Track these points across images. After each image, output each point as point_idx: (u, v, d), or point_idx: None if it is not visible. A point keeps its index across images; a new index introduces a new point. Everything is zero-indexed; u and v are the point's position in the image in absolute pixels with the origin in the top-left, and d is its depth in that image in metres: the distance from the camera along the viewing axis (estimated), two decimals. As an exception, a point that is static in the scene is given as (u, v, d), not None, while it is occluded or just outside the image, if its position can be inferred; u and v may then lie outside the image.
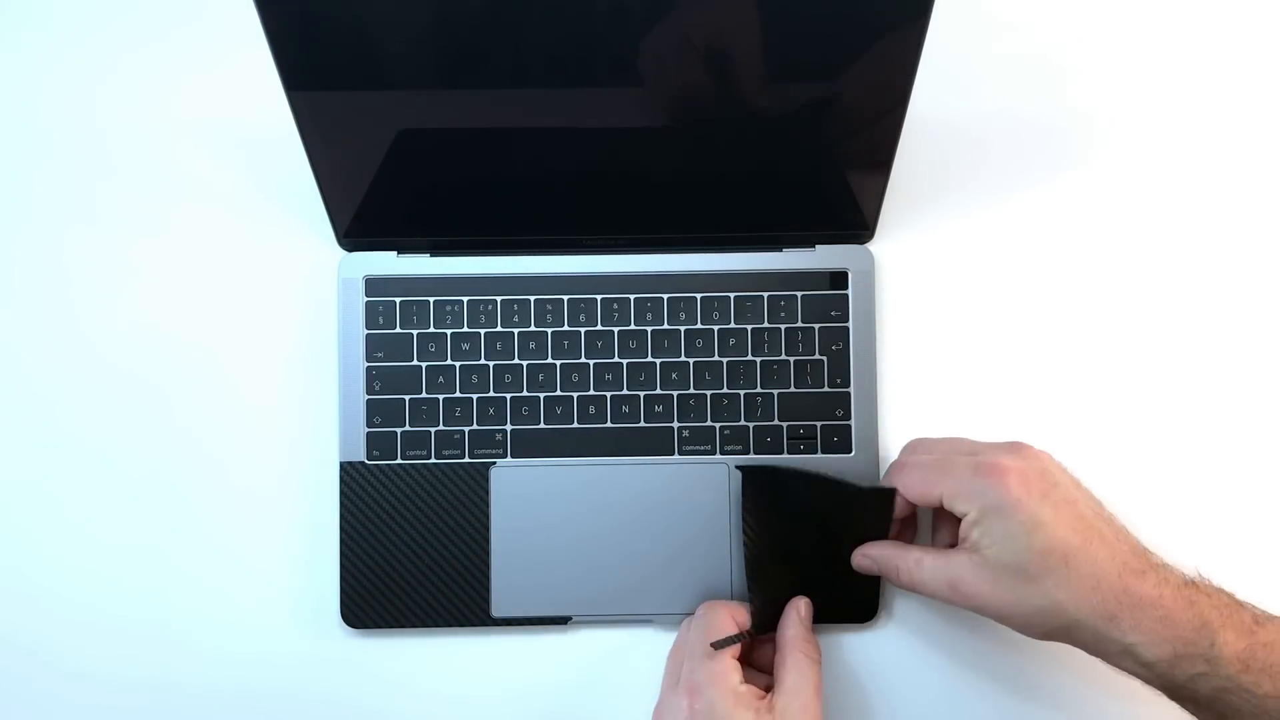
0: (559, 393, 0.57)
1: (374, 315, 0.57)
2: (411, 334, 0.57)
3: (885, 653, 0.56)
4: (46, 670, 0.57)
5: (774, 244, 0.57)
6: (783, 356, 0.57)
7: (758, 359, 0.57)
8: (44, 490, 0.57)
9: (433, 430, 0.56)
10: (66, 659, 0.57)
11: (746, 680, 0.50)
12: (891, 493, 0.52)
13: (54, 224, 0.59)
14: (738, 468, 0.55)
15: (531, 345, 0.57)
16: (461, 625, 0.56)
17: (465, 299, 0.57)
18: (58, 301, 0.59)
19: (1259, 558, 0.57)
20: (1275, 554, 0.57)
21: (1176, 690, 0.46)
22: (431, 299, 0.57)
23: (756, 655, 0.53)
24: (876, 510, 0.53)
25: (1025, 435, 0.56)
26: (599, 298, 0.57)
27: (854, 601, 0.56)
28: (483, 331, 0.57)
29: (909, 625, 0.57)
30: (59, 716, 0.56)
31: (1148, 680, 0.46)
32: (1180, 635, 0.44)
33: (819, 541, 0.54)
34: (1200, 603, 0.45)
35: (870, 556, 0.52)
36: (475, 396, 0.57)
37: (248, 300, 0.59)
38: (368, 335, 0.57)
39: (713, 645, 0.50)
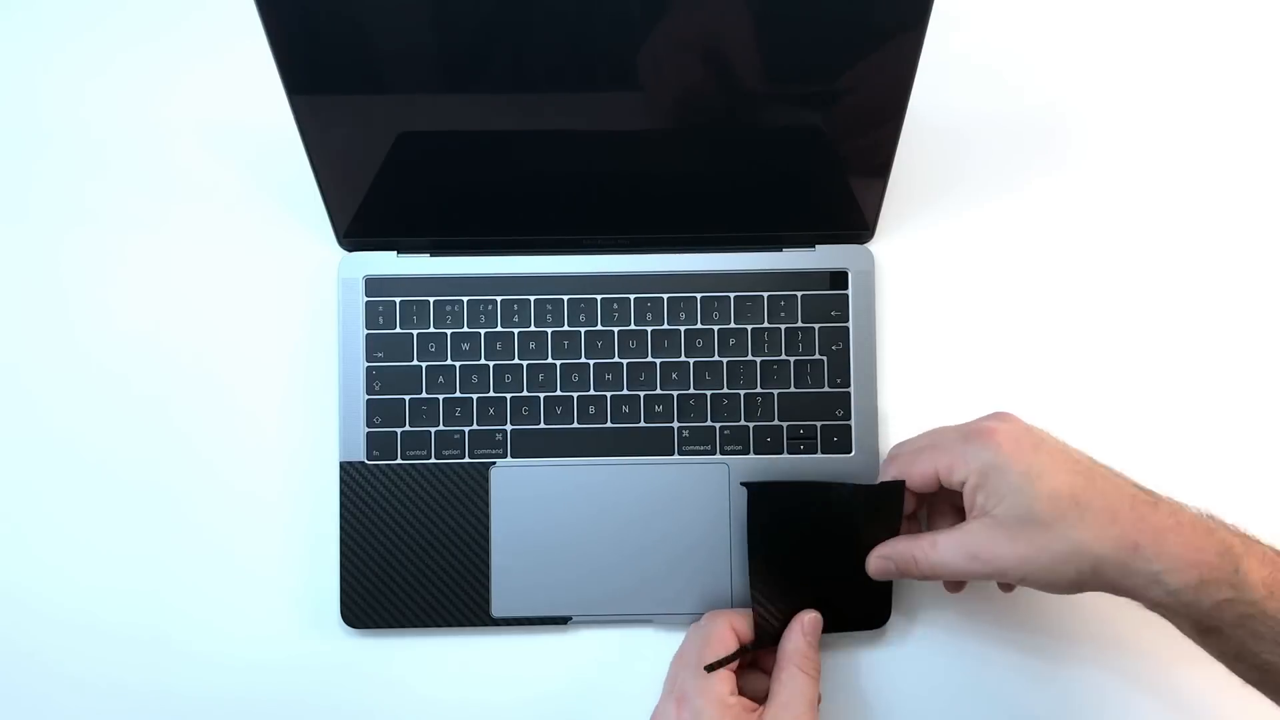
0: (559, 393, 0.57)
1: (374, 315, 0.57)
2: (411, 334, 0.57)
3: (898, 659, 0.56)
4: (46, 671, 0.57)
5: (774, 244, 0.57)
6: (783, 356, 0.57)
7: (758, 359, 0.57)
8: (43, 490, 0.57)
9: (433, 430, 0.56)
10: (66, 659, 0.57)
11: (749, 687, 0.50)
12: (900, 484, 0.51)
13: (52, 224, 0.59)
14: (743, 484, 0.54)
15: (531, 345, 0.57)
16: (461, 625, 0.56)
17: (465, 299, 0.57)
18: (56, 302, 0.58)
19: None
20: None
21: (1201, 620, 0.45)
22: (431, 299, 0.57)
23: (766, 662, 0.53)
24: (887, 505, 0.52)
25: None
26: (599, 298, 0.57)
27: (866, 609, 0.55)
28: (483, 331, 0.57)
29: (921, 630, 0.57)
30: (58, 716, 0.56)
31: (1174, 611, 0.45)
32: (1205, 560, 0.44)
33: (830, 551, 0.53)
34: (1220, 530, 0.45)
35: (886, 556, 0.51)
36: (475, 396, 0.57)
37: (248, 300, 0.59)
38: (368, 335, 0.57)
39: (706, 668, 0.50)
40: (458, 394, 0.57)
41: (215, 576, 0.57)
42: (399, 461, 0.56)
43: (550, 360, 0.57)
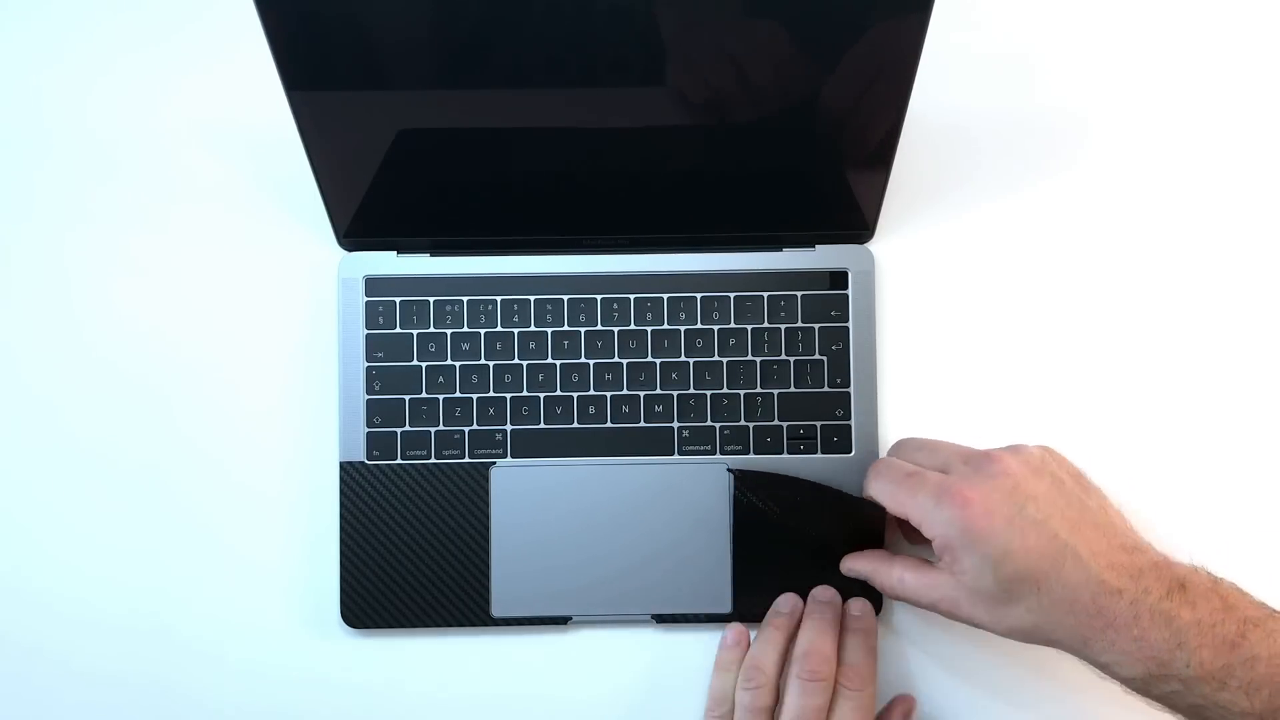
0: (559, 393, 0.57)
1: (374, 315, 0.57)
2: (411, 334, 0.57)
3: (887, 654, 0.56)
4: (46, 670, 0.57)
5: (774, 244, 0.57)
6: (783, 356, 0.57)
7: (758, 359, 0.57)
8: (43, 490, 0.57)
9: (433, 430, 0.56)
10: (66, 658, 0.57)
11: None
12: (882, 511, 0.51)
13: (53, 224, 0.59)
14: (730, 470, 0.55)
15: (531, 345, 0.57)
16: (461, 625, 0.56)
17: (465, 299, 0.57)
18: (57, 302, 0.59)
19: (1259, 552, 0.57)
20: (1275, 548, 0.57)
21: (1155, 702, 0.45)
22: (431, 299, 0.57)
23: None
24: (869, 521, 0.53)
25: (1025, 434, 0.56)
26: (599, 298, 0.57)
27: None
28: (483, 331, 0.57)
29: (911, 625, 0.57)
30: (59, 716, 0.56)
31: (1128, 690, 0.46)
32: (1154, 656, 0.44)
33: (814, 546, 0.55)
34: (1179, 618, 0.43)
35: (855, 570, 0.53)
36: (475, 396, 0.57)
37: (248, 300, 0.59)
38: (368, 335, 0.57)
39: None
40: (458, 394, 0.57)
41: (215, 576, 0.57)
42: (399, 461, 0.56)
43: (550, 360, 0.57)
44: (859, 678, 0.51)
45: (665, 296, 0.57)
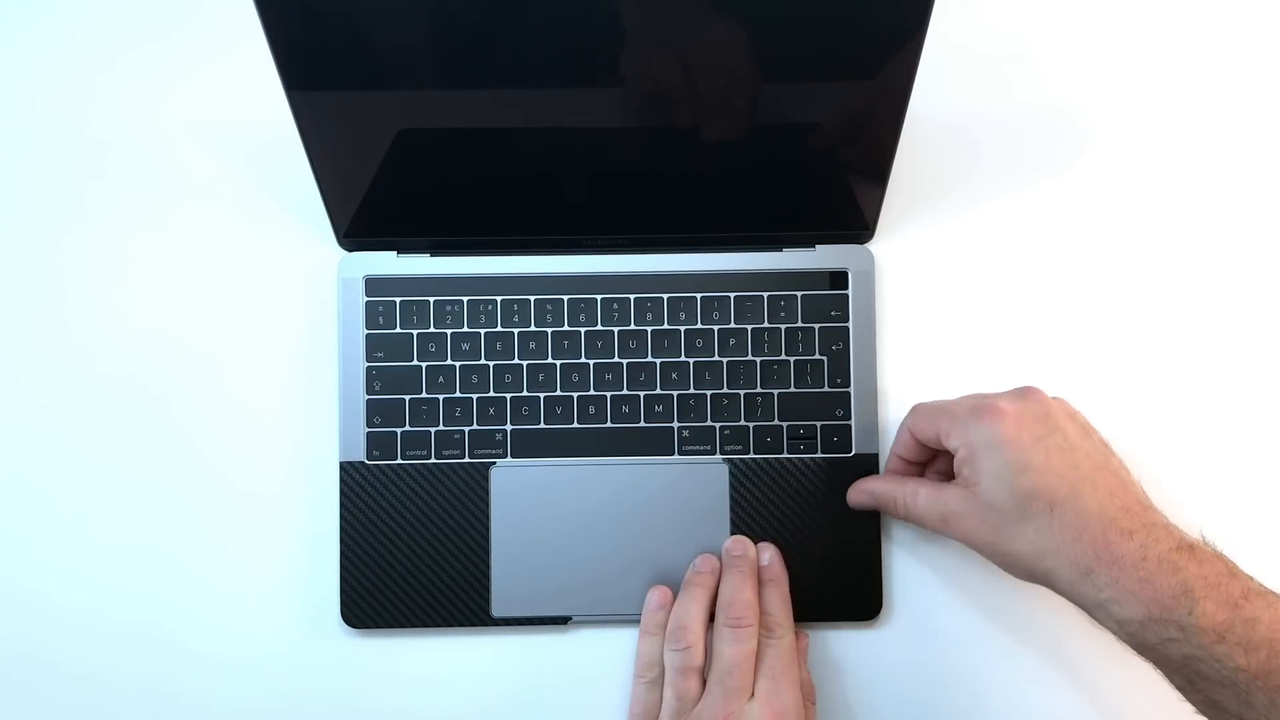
0: (559, 393, 0.57)
1: (374, 315, 0.57)
2: (411, 334, 0.57)
3: (889, 652, 0.56)
4: (46, 669, 0.57)
5: (774, 244, 0.57)
6: (783, 356, 0.57)
7: (758, 359, 0.57)
8: (43, 491, 0.57)
9: (433, 430, 0.56)
10: (67, 659, 0.57)
11: None
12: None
13: (52, 224, 0.59)
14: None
15: (531, 345, 0.57)
16: (461, 625, 0.56)
17: (465, 299, 0.57)
18: (56, 302, 0.58)
19: (1261, 544, 0.57)
20: (1277, 542, 0.57)
21: (1146, 650, 0.46)
22: (431, 299, 0.57)
23: None
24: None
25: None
26: (599, 298, 0.57)
27: (857, 599, 0.56)
28: (483, 331, 0.57)
29: (913, 624, 0.57)
30: (59, 715, 0.56)
31: (1119, 636, 0.46)
32: (1157, 599, 0.44)
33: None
34: (1187, 570, 0.44)
35: (867, 491, 0.54)
36: (475, 396, 0.57)
37: (248, 300, 0.59)
38: (368, 335, 0.57)
39: None
40: (458, 394, 0.57)
41: (215, 576, 0.57)
42: (399, 461, 0.56)
43: (550, 360, 0.57)
44: (778, 625, 0.52)
45: (665, 296, 0.57)
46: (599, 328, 0.57)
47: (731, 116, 0.51)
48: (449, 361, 0.57)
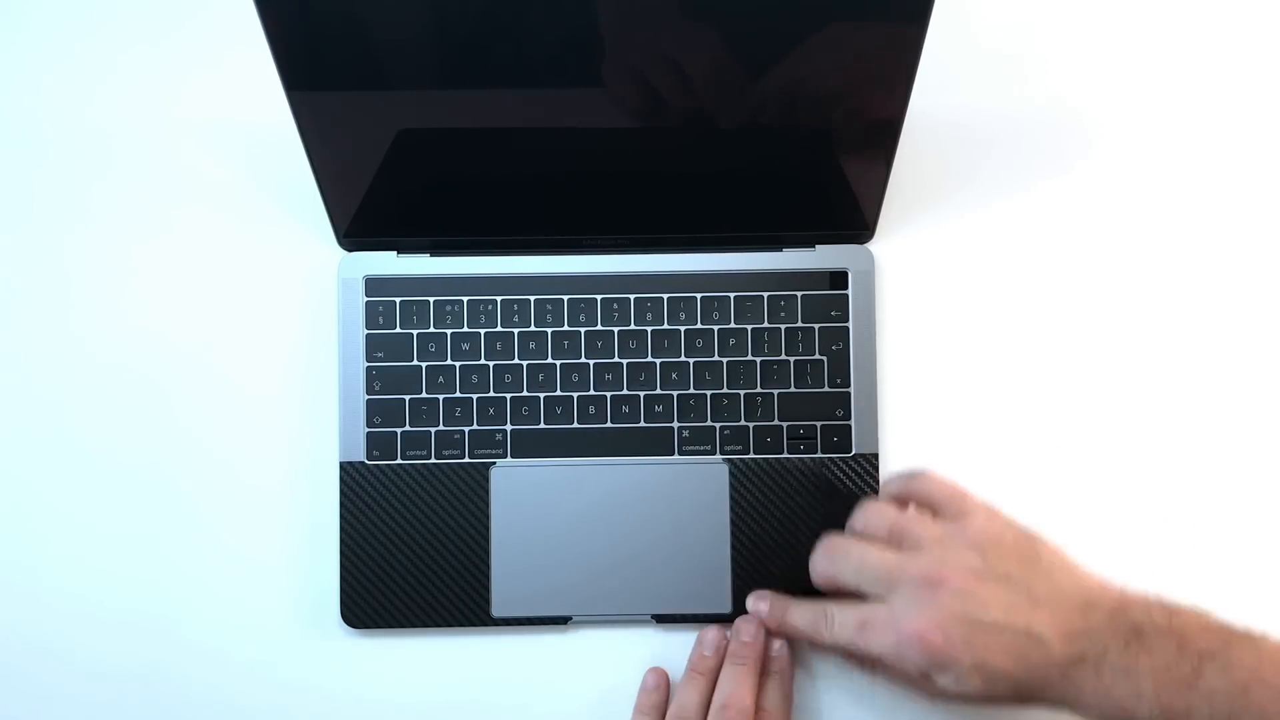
0: (559, 393, 0.57)
1: (374, 315, 0.57)
2: (411, 334, 0.57)
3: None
4: (46, 672, 0.57)
5: (774, 244, 0.57)
6: (783, 356, 0.57)
7: (758, 359, 0.57)
8: (43, 492, 0.57)
9: (433, 430, 0.56)
10: (67, 659, 0.57)
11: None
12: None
13: (54, 224, 0.59)
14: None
15: (531, 345, 0.57)
16: (461, 625, 0.56)
17: (465, 299, 0.57)
18: (59, 302, 0.59)
19: (1259, 551, 0.57)
20: (1275, 548, 0.57)
21: None
22: (431, 299, 0.57)
23: None
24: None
25: (1024, 434, 0.56)
26: (599, 298, 0.57)
27: None
28: (483, 331, 0.57)
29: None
30: (61, 709, 0.56)
31: None
32: (1119, 705, 0.45)
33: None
34: (1138, 669, 0.45)
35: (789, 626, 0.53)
36: (475, 396, 0.57)
37: (248, 300, 0.59)
38: (368, 335, 0.57)
39: None
40: (458, 394, 0.57)
41: (215, 576, 0.57)
42: (399, 461, 0.56)
43: (550, 360, 0.57)
44: None
45: (665, 296, 0.57)
46: (599, 328, 0.57)
47: (731, 116, 0.51)
48: (449, 361, 0.57)
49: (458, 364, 0.57)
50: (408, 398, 0.57)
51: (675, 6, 0.47)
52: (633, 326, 0.57)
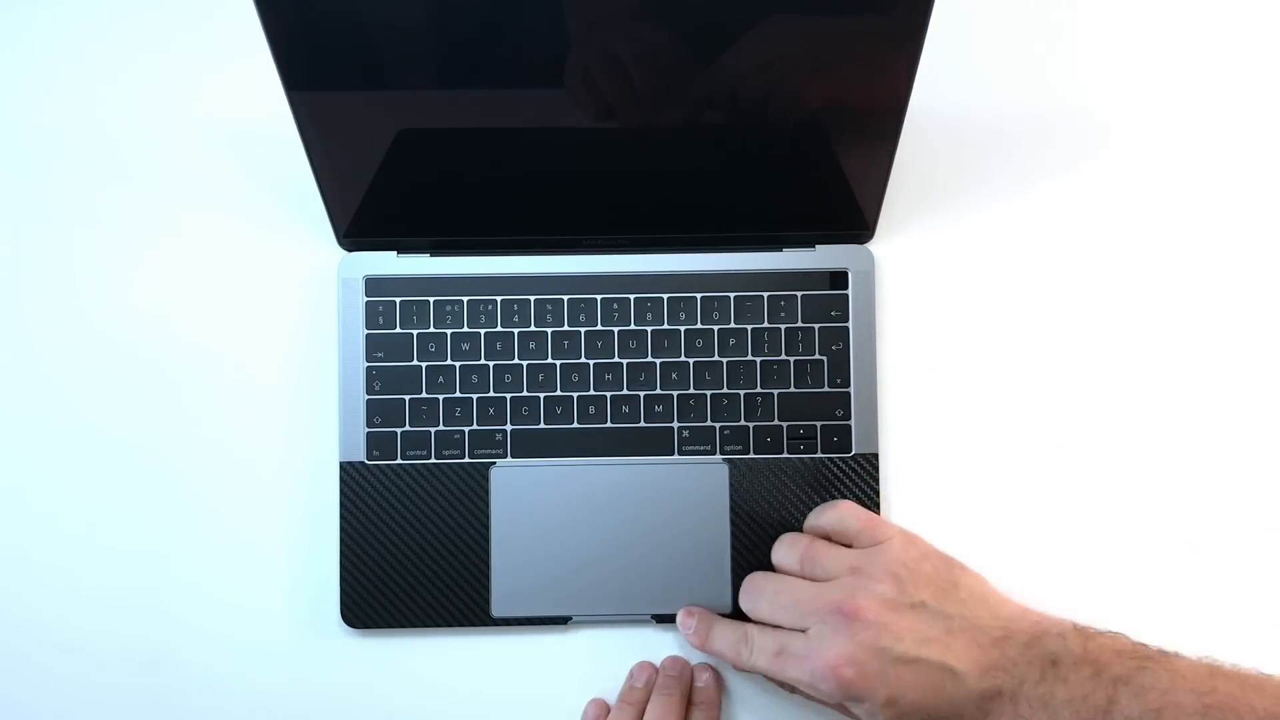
0: (559, 393, 0.57)
1: (374, 315, 0.57)
2: (411, 334, 0.57)
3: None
4: (47, 667, 0.57)
5: (774, 244, 0.57)
6: (783, 356, 0.57)
7: (758, 359, 0.57)
8: (45, 492, 0.58)
9: (433, 430, 0.56)
10: (67, 656, 0.57)
11: None
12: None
13: (58, 225, 0.59)
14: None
15: (531, 345, 0.57)
16: (461, 625, 0.56)
17: (465, 299, 0.57)
18: (65, 303, 0.58)
19: (1255, 553, 0.57)
20: (1273, 549, 0.57)
21: None
22: (431, 299, 0.57)
23: None
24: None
25: (1024, 435, 0.56)
26: (599, 298, 0.57)
27: None
28: (483, 331, 0.57)
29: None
30: (61, 707, 0.56)
31: None
32: None
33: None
34: (1054, 699, 0.45)
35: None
36: (475, 396, 0.57)
37: (248, 301, 0.59)
38: (368, 335, 0.57)
39: None
40: (458, 394, 0.57)
41: (215, 575, 0.57)
42: (399, 461, 0.56)
43: (550, 360, 0.57)
44: None
45: (665, 296, 0.57)
46: (599, 328, 0.57)
47: (730, 116, 0.51)
48: (449, 361, 0.57)
49: (458, 364, 0.57)
50: (408, 398, 0.57)
51: (648, 6, 0.47)
52: (633, 326, 0.57)
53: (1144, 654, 0.46)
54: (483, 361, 0.57)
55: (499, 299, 0.57)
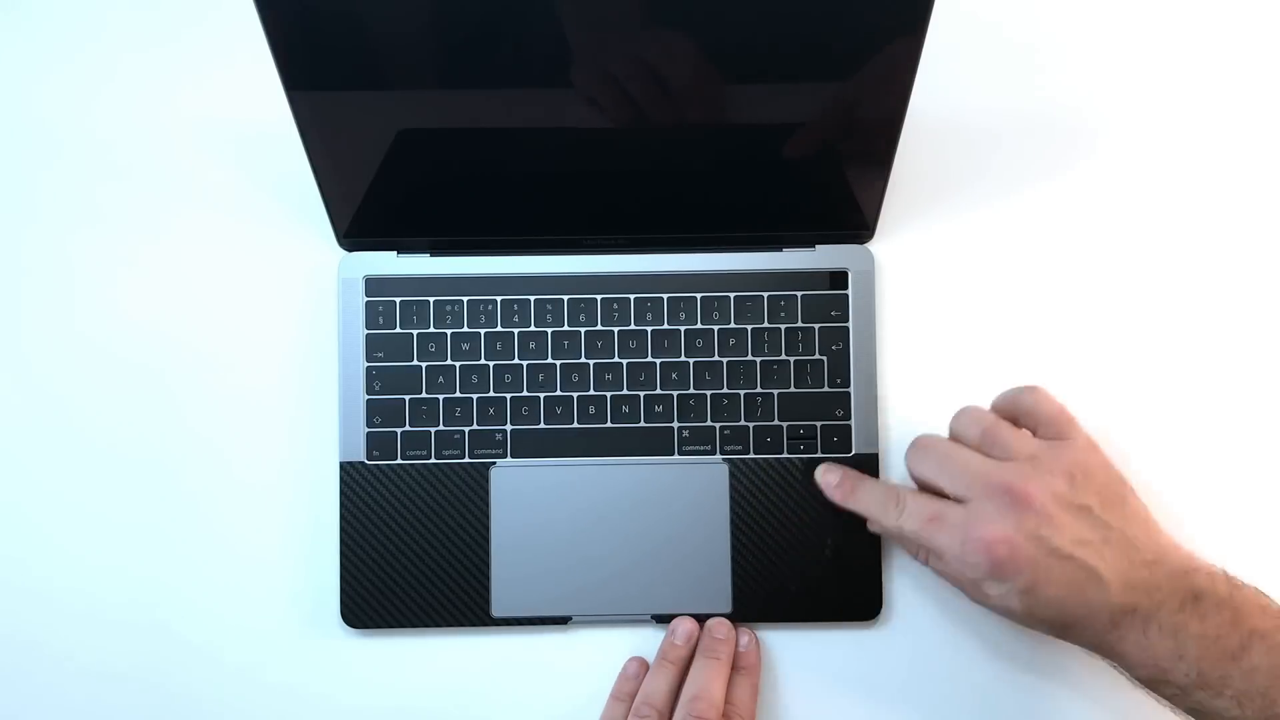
0: (559, 393, 0.57)
1: (374, 315, 0.57)
2: (411, 334, 0.57)
3: (888, 652, 0.56)
4: (46, 669, 0.57)
5: (774, 244, 0.57)
6: (783, 356, 0.57)
7: (758, 359, 0.57)
8: (45, 493, 0.57)
9: (433, 430, 0.56)
10: (68, 658, 0.57)
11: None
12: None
13: (56, 225, 0.59)
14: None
15: (531, 345, 0.57)
16: (461, 625, 0.56)
17: (465, 299, 0.57)
18: (62, 302, 0.59)
19: (1269, 544, 0.57)
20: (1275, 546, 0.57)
21: (1161, 699, 0.48)
22: (431, 299, 0.57)
23: None
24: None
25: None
26: (599, 298, 0.57)
27: (856, 600, 0.56)
28: (483, 331, 0.57)
29: (913, 624, 0.57)
30: (59, 712, 0.56)
31: (1135, 684, 0.48)
32: (1157, 664, 0.46)
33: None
34: (1186, 631, 0.45)
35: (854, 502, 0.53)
36: (475, 396, 0.57)
37: (248, 301, 0.59)
38: (368, 335, 0.57)
39: None
40: (458, 394, 0.57)
41: (215, 576, 0.57)
42: (399, 461, 0.56)
43: (550, 360, 0.57)
44: (739, 717, 0.52)
45: (665, 296, 0.57)
46: (599, 328, 0.57)
47: (730, 116, 0.51)
48: (449, 361, 0.57)
49: (458, 364, 0.57)
50: (408, 398, 0.57)
51: (656, 10, 0.47)
52: (633, 326, 0.57)
53: None
54: (483, 361, 0.57)
55: (499, 299, 0.57)
